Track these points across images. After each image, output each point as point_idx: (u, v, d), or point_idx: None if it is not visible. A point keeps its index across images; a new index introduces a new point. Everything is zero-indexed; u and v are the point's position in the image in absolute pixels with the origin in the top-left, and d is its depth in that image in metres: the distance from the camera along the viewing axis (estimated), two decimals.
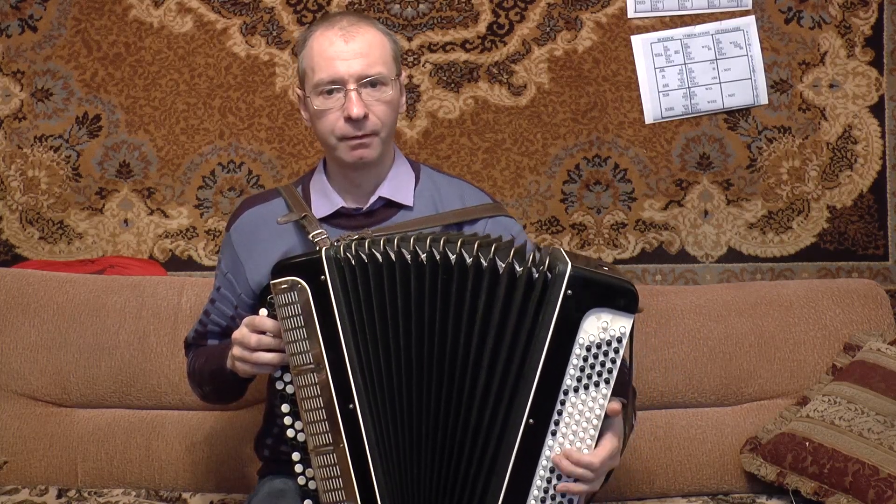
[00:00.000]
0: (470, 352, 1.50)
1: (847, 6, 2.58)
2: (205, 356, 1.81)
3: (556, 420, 1.48)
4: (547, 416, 1.48)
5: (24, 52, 2.62)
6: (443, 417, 1.52)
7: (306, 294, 1.53)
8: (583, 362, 1.47)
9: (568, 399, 1.47)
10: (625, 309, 1.46)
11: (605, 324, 1.46)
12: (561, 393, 1.47)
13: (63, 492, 2.19)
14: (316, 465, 1.57)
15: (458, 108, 2.62)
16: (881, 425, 2.01)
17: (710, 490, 2.18)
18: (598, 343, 1.46)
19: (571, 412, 1.47)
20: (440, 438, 1.53)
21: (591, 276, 1.47)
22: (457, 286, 1.50)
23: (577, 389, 1.47)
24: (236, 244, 1.82)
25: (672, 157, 2.62)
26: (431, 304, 1.51)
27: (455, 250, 1.50)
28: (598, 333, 1.46)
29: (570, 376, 1.47)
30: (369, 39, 1.70)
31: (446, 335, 1.51)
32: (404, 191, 1.79)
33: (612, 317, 1.46)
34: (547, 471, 1.49)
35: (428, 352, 1.51)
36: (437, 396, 1.52)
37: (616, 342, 1.46)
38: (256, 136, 2.63)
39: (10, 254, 2.66)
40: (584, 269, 1.47)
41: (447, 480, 1.53)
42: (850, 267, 2.62)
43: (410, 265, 1.51)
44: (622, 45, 2.60)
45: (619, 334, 1.46)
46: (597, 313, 1.46)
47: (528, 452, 1.49)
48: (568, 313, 1.46)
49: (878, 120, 2.60)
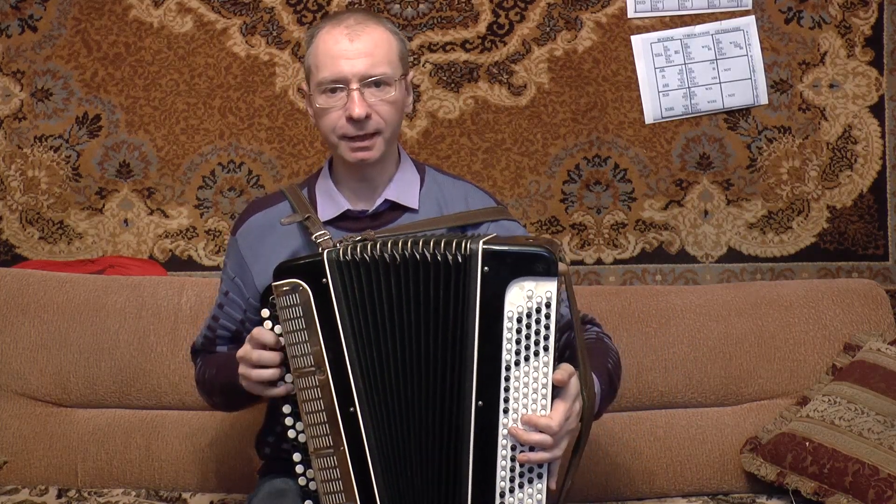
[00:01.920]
0: (430, 347, 1.51)
1: (847, 6, 2.58)
2: (215, 367, 1.81)
3: (506, 398, 1.47)
4: (495, 395, 1.47)
5: (24, 52, 2.63)
6: (424, 416, 1.52)
7: (308, 296, 1.53)
8: (516, 334, 1.46)
9: (511, 374, 1.47)
10: (545, 273, 1.45)
11: (530, 292, 1.46)
12: (503, 369, 1.47)
13: (63, 492, 2.19)
14: (316, 467, 1.57)
15: (458, 108, 2.62)
16: (881, 425, 2.01)
17: (710, 490, 2.18)
18: (528, 312, 1.46)
19: (518, 386, 1.47)
20: (424, 438, 1.53)
21: (503, 248, 1.48)
22: (405, 282, 1.51)
23: (518, 363, 1.46)
24: (242, 248, 1.82)
25: (672, 157, 2.62)
26: (404, 305, 1.52)
27: (416, 250, 1.50)
28: (524, 303, 1.46)
29: (508, 350, 1.46)
30: (375, 38, 1.70)
31: (412, 333, 1.52)
32: (410, 193, 1.79)
33: (536, 283, 1.45)
34: (507, 449, 1.48)
35: (405, 352, 1.52)
36: (417, 396, 1.53)
37: (545, 307, 1.45)
38: (256, 136, 2.63)
39: (10, 254, 2.66)
40: (496, 244, 1.48)
41: (435, 480, 1.53)
42: (850, 267, 2.62)
43: (389, 266, 1.52)
44: (622, 45, 2.60)
45: (546, 299, 1.45)
46: (519, 283, 1.46)
47: (485, 435, 1.48)
48: (489, 289, 1.46)
49: (878, 120, 2.60)
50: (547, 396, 1.46)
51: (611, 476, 2.17)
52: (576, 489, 2.14)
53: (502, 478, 1.48)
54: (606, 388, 1.64)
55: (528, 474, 1.49)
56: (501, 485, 1.48)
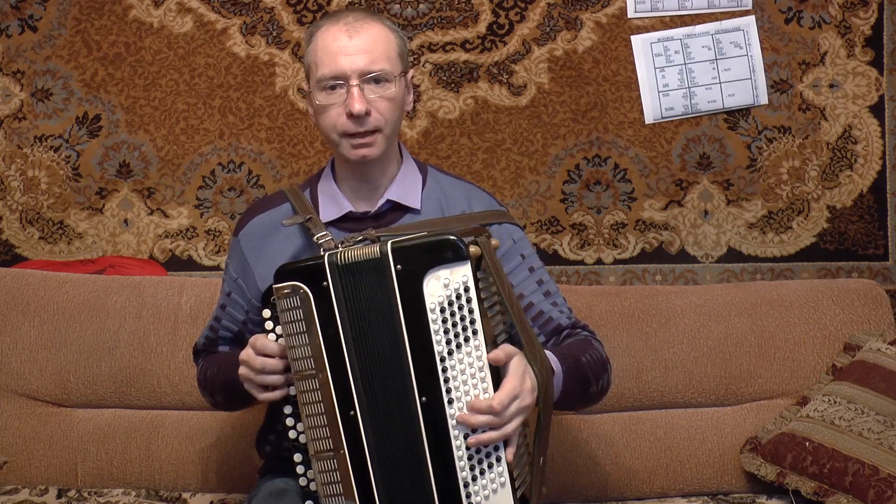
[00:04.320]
0: (384, 349, 1.52)
1: (847, 6, 2.58)
2: (216, 366, 1.81)
3: (447, 388, 1.48)
4: (436, 389, 1.48)
5: (24, 52, 2.63)
6: (394, 418, 1.53)
7: (308, 299, 1.53)
8: (443, 325, 1.47)
9: (447, 364, 1.47)
10: (455, 259, 1.46)
11: (447, 280, 1.46)
12: (438, 362, 1.47)
13: (63, 492, 2.19)
14: (316, 469, 1.57)
15: (458, 108, 2.62)
16: (881, 425, 2.01)
17: (710, 490, 2.18)
18: (448, 301, 1.46)
19: (455, 375, 1.47)
20: (399, 440, 1.53)
21: (409, 243, 1.49)
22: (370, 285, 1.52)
23: (451, 352, 1.47)
24: (245, 249, 1.82)
25: (672, 157, 2.62)
26: (374, 308, 1.53)
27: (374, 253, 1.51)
28: (442, 292, 1.46)
29: (438, 342, 1.47)
30: (374, 35, 1.70)
31: (377, 337, 1.52)
32: (412, 193, 1.79)
33: (450, 271, 1.46)
34: (461, 440, 1.48)
35: (379, 355, 1.53)
36: (388, 399, 1.53)
37: (465, 292, 1.46)
38: (256, 136, 2.63)
39: (10, 254, 2.66)
40: (403, 240, 1.49)
41: (417, 481, 1.53)
42: (850, 267, 2.62)
43: (365, 269, 1.52)
44: (622, 45, 2.60)
45: (464, 284, 1.46)
46: (433, 274, 1.47)
47: (436, 429, 1.49)
48: (407, 286, 1.48)
49: (878, 120, 2.60)
50: (486, 379, 1.47)
51: (611, 476, 2.17)
52: (576, 489, 2.15)
53: (461, 468, 1.49)
54: (572, 372, 1.64)
55: (487, 459, 1.49)
56: (463, 475, 1.49)
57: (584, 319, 1.84)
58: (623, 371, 2.18)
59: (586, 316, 1.97)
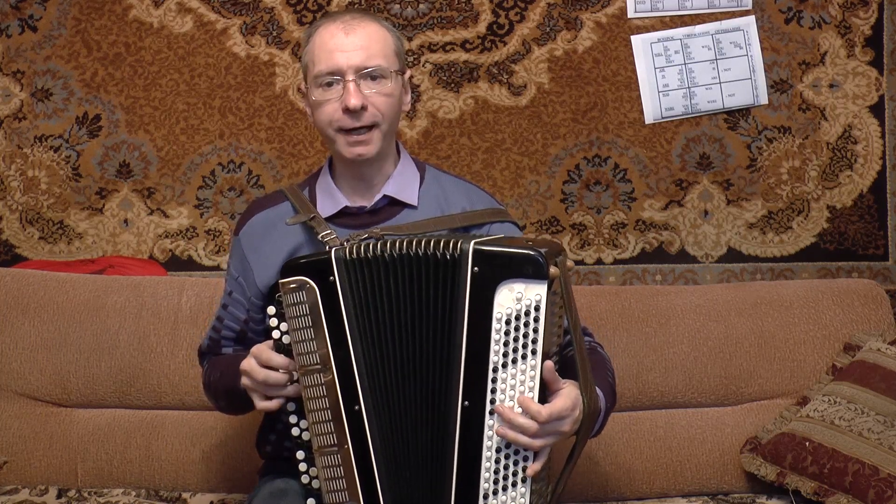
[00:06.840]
0: (423, 346, 1.51)
1: (847, 6, 2.58)
2: (219, 370, 1.81)
3: (492, 399, 1.46)
4: (481, 397, 1.46)
5: (24, 52, 2.63)
6: (418, 415, 1.52)
7: (315, 294, 1.53)
8: (504, 336, 1.45)
9: (498, 375, 1.46)
10: (534, 276, 1.44)
11: (519, 294, 1.45)
12: (490, 371, 1.46)
13: (63, 492, 2.19)
14: (320, 465, 1.57)
15: (458, 108, 2.62)
16: (881, 425, 2.01)
17: (710, 490, 2.18)
18: (516, 314, 1.45)
19: (504, 388, 1.46)
20: (418, 437, 1.53)
21: (494, 249, 1.47)
22: (403, 280, 1.51)
23: (506, 365, 1.46)
24: (245, 248, 1.82)
25: (672, 157, 2.62)
26: (402, 303, 1.52)
27: (411, 249, 1.50)
28: (513, 305, 1.45)
29: (496, 352, 1.46)
30: (370, 32, 1.71)
31: (408, 332, 1.52)
32: (409, 190, 1.79)
33: (525, 286, 1.45)
34: (493, 451, 1.47)
35: (403, 350, 1.52)
36: (412, 395, 1.53)
37: (534, 310, 1.44)
38: (256, 136, 2.63)
39: (10, 254, 2.66)
40: (487, 244, 1.48)
41: (427, 480, 1.53)
42: (850, 267, 2.63)
43: (389, 264, 1.52)
44: (622, 45, 2.60)
45: (535, 302, 1.44)
46: (508, 285, 1.45)
47: (470, 435, 1.47)
48: (479, 289, 1.46)
49: (878, 120, 2.60)
50: (534, 400, 1.45)
51: (611, 476, 2.17)
52: (576, 489, 2.15)
53: (486, 479, 1.48)
54: (610, 406, 1.64)
55: (513, 477, 1.48)
56: (485, 486, 1.48)
57: (585, 320, 1.84)
58: (623, 371, 2.18)
59: (586, 316, 1.97)
